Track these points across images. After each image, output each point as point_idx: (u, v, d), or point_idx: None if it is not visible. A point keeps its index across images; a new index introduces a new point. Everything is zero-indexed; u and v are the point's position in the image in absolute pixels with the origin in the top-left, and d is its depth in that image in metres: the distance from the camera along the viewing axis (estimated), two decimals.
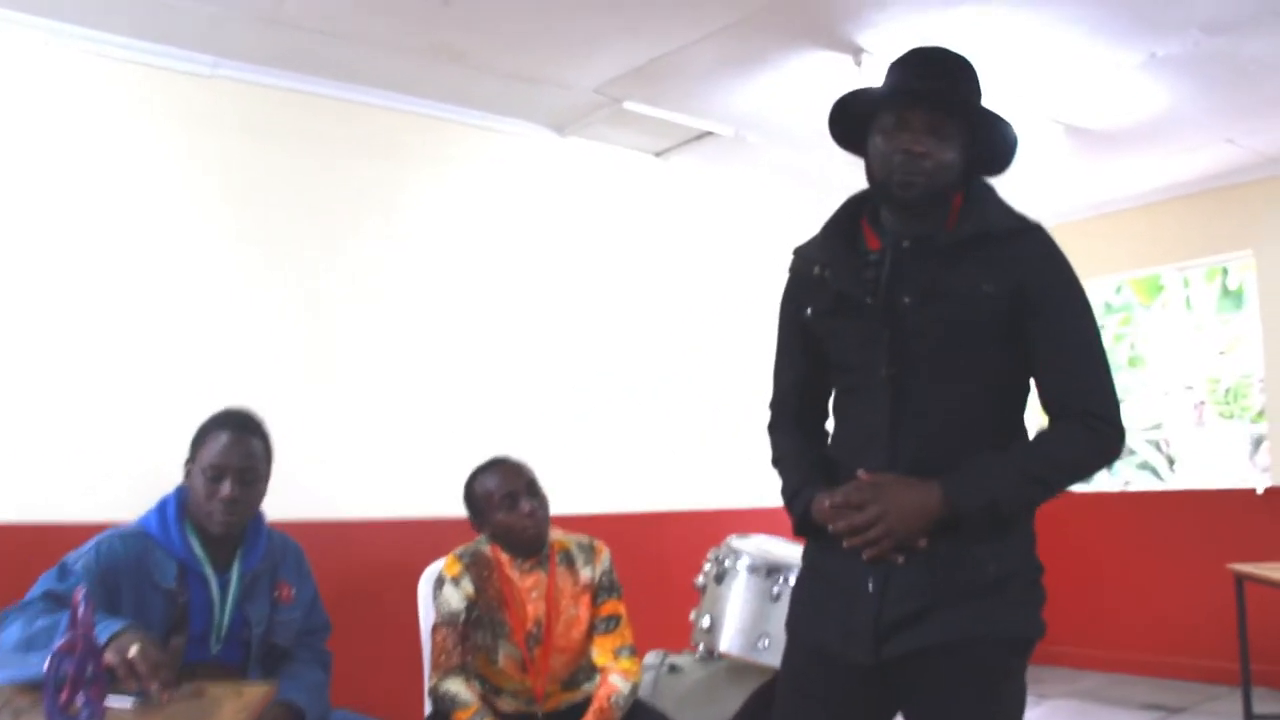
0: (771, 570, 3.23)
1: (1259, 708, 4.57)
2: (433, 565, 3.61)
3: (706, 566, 3.51)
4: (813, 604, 2.00)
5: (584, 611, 3.07)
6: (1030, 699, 6.13)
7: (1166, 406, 7.81)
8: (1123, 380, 8.11)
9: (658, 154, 5.37)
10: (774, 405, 2.17)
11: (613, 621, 3.09)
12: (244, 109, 4.17)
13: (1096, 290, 7.05)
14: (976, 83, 1.94)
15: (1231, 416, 7.53)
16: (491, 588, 2.99)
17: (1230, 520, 5.70)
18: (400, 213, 4.57)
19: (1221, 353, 7.04)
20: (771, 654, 3.14)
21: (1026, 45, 4.07)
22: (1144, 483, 7.12)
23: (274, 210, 4.21)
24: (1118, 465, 7.61)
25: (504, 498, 3.01)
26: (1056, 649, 6.38)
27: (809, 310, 2.02)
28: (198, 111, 4.07)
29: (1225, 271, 7.46)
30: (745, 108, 4.71)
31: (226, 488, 2.47)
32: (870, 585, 1.86)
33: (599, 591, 3.10)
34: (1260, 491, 5.57)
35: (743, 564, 3.28)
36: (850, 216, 2.02)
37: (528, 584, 3.02)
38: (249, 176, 4.16)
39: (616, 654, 3.05)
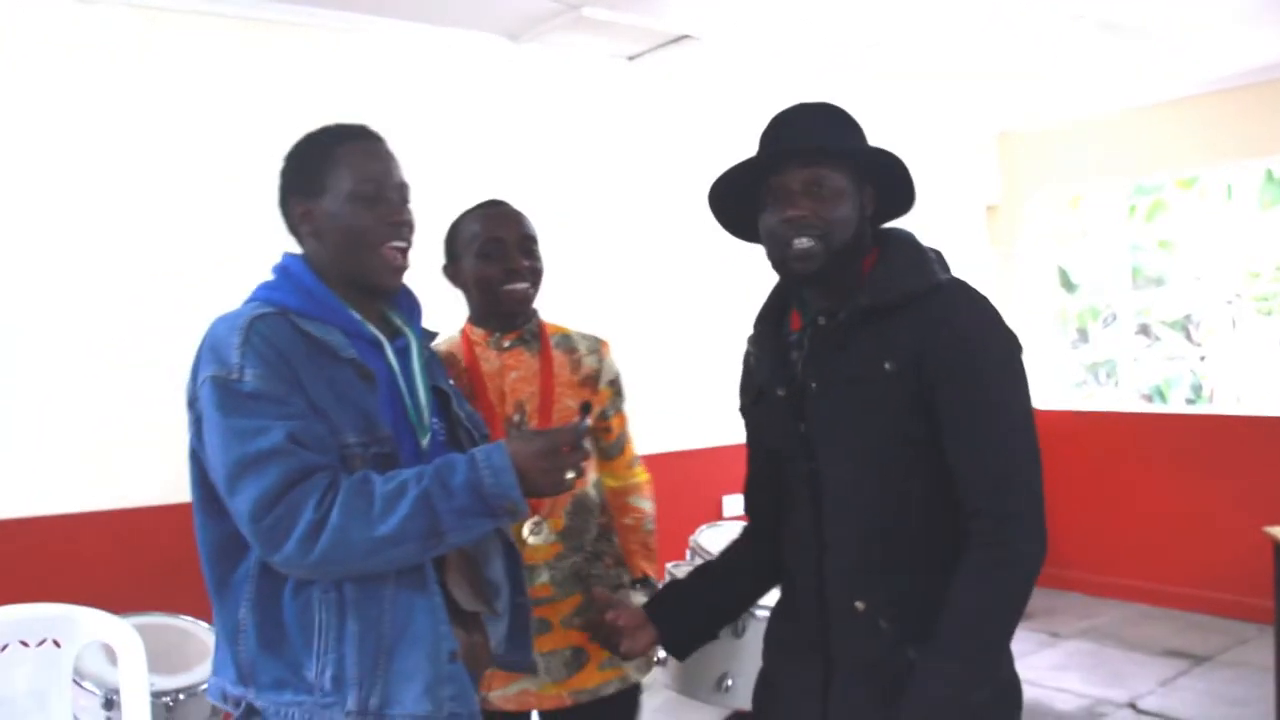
0: None
1: None
2: None
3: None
4: None
5: None
6: (1042, 638, 5.76)
7: (1197, 294, 7.35)
8: (1155, 263, 7.54)
9: (630, 58, 4.73)
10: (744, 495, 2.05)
11: (619, 443, 2.41)
12: None
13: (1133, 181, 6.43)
14: (848, 125, 1.73)
15: (1270, 313, 6.97)
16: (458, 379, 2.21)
17: (1270, 448, 5.23)
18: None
19: (1261, 245, 6.44)
20: (736, 695, 2.74)
21: None
22: (1178, 398, 6.64)
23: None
24: (1143, 352, 7.14)
25: (487, 243, 2.24)
26: (1071, 574, 6.02)
27: (741, 403, 1.93)
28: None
29: None
30: (719, 10, 4.07)
31: (399, 210, 1.72)
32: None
33: (614, 395, 2.35)
34: None
35: None
36: (781, 294, 1.85)
37: (507, 363, 2.25)
38: None
39: (631, 469, 2.45)
